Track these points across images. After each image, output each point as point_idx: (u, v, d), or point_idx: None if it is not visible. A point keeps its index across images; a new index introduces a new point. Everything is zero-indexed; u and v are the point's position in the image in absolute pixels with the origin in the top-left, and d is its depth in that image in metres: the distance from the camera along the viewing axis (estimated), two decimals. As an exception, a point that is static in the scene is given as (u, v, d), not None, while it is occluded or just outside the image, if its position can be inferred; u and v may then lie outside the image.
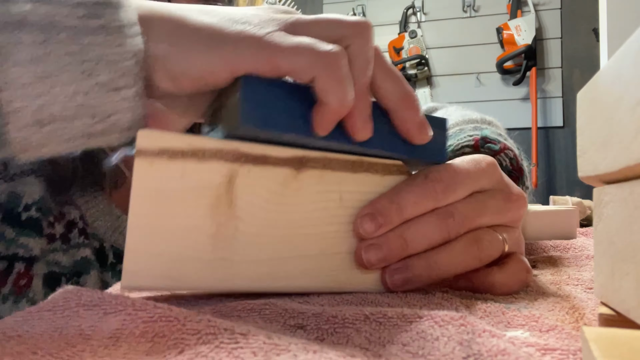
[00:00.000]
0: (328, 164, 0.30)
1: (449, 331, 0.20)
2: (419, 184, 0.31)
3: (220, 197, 0.27)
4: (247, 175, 0.28)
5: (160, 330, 0.19)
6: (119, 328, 0.20)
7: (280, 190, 0.29)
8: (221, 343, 0.18)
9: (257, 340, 0.18)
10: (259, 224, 0.28)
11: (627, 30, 0.98)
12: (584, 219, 1.03)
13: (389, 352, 0.19)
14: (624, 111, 0.19)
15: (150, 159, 0.25)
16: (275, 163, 0.29)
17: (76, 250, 0.51)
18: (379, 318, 0.22)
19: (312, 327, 0.22)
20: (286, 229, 0.29)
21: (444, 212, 0.31)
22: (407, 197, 0.31)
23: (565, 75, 2.71)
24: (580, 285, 0.33)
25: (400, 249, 0.31)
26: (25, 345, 0.19)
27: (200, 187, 0.27)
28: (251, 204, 0.28)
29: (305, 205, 0.29)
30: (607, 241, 0.21)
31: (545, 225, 0.53)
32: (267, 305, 0.25)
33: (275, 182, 0.29)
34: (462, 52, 2.84)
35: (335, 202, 0.30)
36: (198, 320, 0.19)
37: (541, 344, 0.19)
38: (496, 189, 0.34)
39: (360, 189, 0.31)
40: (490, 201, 0.33)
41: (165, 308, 0.21)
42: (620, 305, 0.20)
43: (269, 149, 0.28)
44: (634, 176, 0.19)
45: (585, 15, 2.67)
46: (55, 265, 0.49)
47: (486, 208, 0.32)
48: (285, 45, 0.27)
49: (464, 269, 0.31)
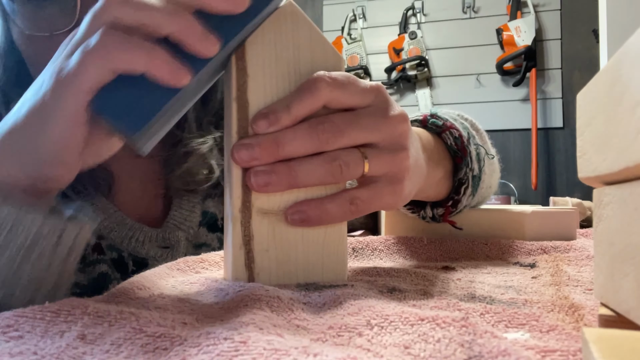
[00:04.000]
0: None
1: (450, 333, 0.20)
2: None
3: None
4: None
5: (162, 344, 0.20)
6: (121, 337, 0.20)
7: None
8: (222, 351, 0.18)
9: (257, 347, 0.18)
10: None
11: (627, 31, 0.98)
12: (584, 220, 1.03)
13: (391, 353, 0.19)
14: (624, 111, 0.19)
15: None
16: None
17: (92, 267, 0.51)
18: (381, 322, 0.22)
19: (314, 330, 0.22)
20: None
21: (315, 120, 0.33)
22: (296, 101, 0.33)
23: (565, 76, 2.71)
24: (580, 286, 0.33)
25: (271, 150, 0.32)
26: (26, 346, 0.19)
27: None
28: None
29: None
30: (607, 242, 0.21)
31: (545, 226, 0.53)
32: (274, 299, 0.25)
33: None
34: (462, 53, 2.84)
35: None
36: (198, 335, 0.20)
37: (541, 347, 0.19)
38: (376, 105, 0.35)
39: None
40: (366, 117, 0.34)
41: (169, 327, 0.21)
42: (620, 306, 0.20)
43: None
44: (634, 177, 0.19)
45: (585, 16, 2.67)
46: (75, 287, 0.49)
47: (359, 122, 0.34)
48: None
49: (319, 181, 0.33)
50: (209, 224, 0.62)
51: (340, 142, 0.33)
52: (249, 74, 0.33)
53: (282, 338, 0.19)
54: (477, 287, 0.33)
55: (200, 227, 0.61)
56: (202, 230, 0.61)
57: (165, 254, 0.57)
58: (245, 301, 0.25)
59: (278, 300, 0.25)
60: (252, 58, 0.33)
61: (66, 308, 0.23)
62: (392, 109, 0.35)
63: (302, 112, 0.33)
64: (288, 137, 0.32)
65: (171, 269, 0.37)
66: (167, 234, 0.58)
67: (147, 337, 0.20)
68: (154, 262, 0.56)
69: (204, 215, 0.62)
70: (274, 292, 0.26)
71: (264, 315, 0.22)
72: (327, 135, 0.33)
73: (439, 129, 0.51)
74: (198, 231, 0.61)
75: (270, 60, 0.33)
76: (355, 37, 2.95)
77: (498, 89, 2.77)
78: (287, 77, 0.34)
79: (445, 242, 0.50)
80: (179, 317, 0.23)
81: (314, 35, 0.35)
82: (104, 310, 0.24)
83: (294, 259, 0.34)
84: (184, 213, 0.60)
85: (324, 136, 0.32)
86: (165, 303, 0.27)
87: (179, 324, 0.22)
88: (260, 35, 0.33)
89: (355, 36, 2.95)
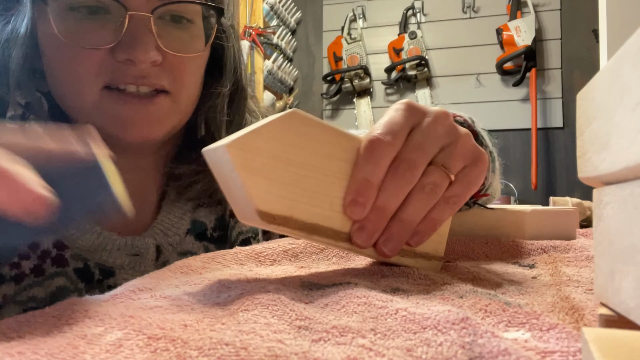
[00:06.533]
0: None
1: (451, 336, 0.20)
2: (369, 151, 0.35)
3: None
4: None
5: (164, 346, 0.20)
6: (121, 338, 0.20)
7: None
8: (222, 355, 0.18)
9: (258, 353, 0.18)
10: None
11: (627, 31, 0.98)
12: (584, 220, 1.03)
13: (393, 354, 0.19)
14: (624, 111, 0.19)
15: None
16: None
17: (51, 280, 0.51)
18: (383, 330, 0.22)
19: (317, 330, 0.22)
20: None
21: (392, 169, 0.35)
22: (372, 169, 0.34)
23: (565, 76, 2.71)
24: (580, 286, 0.33)
25: (382, 221, 0.35)
26: (27, 346, 0.19)
27: None
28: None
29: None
30: (607, 242, 0.21)
31: (545, 226, 0.53)
32: (275, 302, 0.25)
33: None
34: (462, 53, 2.84)
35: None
36: (200, 339, 0.20)
37: (541, 348, 0.19)
38: (416, 118, 0.36)
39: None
40: (418, 134, 0.36)
41: (168, 329, 0.21)
42: (620, 306, 0.20)
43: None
44: (634, 177, 0.19)
45: (584, 16, 2.67)
46: (31, 301, 0.49)
47: (419, 143, 0.36)
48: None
49: (426, 210, 0.36)
50: (197, 232, 0.62)
51: (420, 171, 0.35)
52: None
53: (283, 344, 0.20)
54: (478, 286, 0.33)
55: (187, 235, 0.61)
56: (189, 239, 0.61)
57: (133, 261, 0.56)
58: (247, 305, 0.25)
59: (279, 303, 0.25)
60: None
61: (67, 311, 0.24)
62: (429, 113, 0.37)
63: (380, 177, 0.35)
64: (386, 200, 0.35)
65: (174, 271, 0.37)
66: (136, 242, 0.57)
67: (147, 338, 0.20)
68: (121, 271, 0.55)
69: (193, 224, 0.62)
70: (275, 295, 0.26)
71: (264, 323, 0.22)
72: (407, 173, 0.35)
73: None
74: (184, 239, 0.60)
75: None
76: (355, 37, 2.95)
77: (498, 88, 2.77)
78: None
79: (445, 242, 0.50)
80: (180, 318, 0.23)
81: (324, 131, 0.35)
82: (104, 312, 0.24)
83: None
84: (172, 219, 0.60)
85: (407, 175, 0.35)
86: (166, 304, 0.27)
87: (179, 325, 0.22)
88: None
89: (355, 36, 2.95)
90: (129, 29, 0.50)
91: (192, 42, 0.55)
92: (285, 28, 3.03)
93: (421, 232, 0.37)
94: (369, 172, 0.34)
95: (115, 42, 0.50)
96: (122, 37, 0.50)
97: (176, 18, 0.54)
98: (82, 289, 0.52)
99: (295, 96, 3.09)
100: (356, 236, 0.35)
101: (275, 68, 2.86)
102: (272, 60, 2.85)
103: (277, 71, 2.89)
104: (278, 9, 2.93)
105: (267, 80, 2.82)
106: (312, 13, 3.14)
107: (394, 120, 0.36)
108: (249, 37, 2.59)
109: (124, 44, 0.50)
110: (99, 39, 0.50)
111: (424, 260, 0.39)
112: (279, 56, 2.93)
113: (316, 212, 0.34)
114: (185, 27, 0.54)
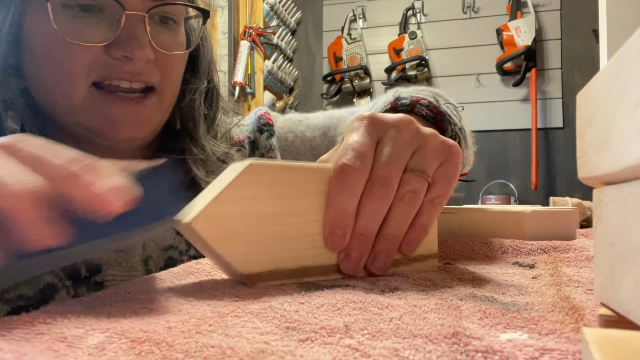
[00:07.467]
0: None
1: (442, 347, 0.20)
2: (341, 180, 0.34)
3: None
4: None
5: (148, 348, 0.19)
6: (104, 341, 0.20)
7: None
8: (209, 355, 0.18)
9: (245, 350, 0.19)
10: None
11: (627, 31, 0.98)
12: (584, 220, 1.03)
13: (379, 354, 0.19)
14: (624, 112, 0.19)
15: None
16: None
17: (37, 278, 0.51)
18: (373, 332, 0.22)
19: (304, 330, 0.22)
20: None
21: (367, 191, 0.34)
22: (346, 198, 0.34)
23: (565, 76, 2.71)
24: (580, 286, 0.33)
25: (366, 244, 0.35)
26: (9, 346, 0.19)
27: None
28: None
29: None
30: (607, 242, 0.21)
31: (545, 226, 0.53)
32: (266, 310, 0.25)
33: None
34: (462, 53, 2.84)
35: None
36: (185, 342, 0.20)
37: (539, 345, 0.19)
38: (383, 131, 0.36)
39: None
40: (387, 145, 0.35)
41: (152, 332, 0.21)
42: (620, 306, 0.19)
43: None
44: (634, 177, 0.19)
45: (584, 16, 2.67)
46: (19, 300, 0.49)
47: (388, 155, 0.35)
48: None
49: (409, 219, 0.36)
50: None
51: (395, 185, 0.35)
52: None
53: (269, 345, 0.20)
54: (477, 287, 0.33)
55: (168, 231, 0.61)
56: (169, 233, 0.60)
57: (120, 257, 0.56)
58: (236, 312, 0.25)
59: (270, 310, 0.25)
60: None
61: (52, 313, 0.23)
62: (391, 122, 0.37)
63: (355, 203, 0.34)
64: (366, 224, 0.34)
65: (164, 275, 0.37)
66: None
67: (131, 342, 0.20)
68: (108, 267, 0.55)
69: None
70: (266, 304, 0.26)
71: (251, 327, 0.22)
72: (382, 191, 0.34)
73: (410, 107, 0.54)
74: (165, 234, 0.60)
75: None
76: (355, 37, 2.95)
77: (498, 89, 2.77)
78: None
79: (445, 242, 0.50)
80: (164, 319, 0.23)
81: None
82: (86, 315, 0.24)
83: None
84: None
85: (382, 193, 0.34)
86: (150, 306, 0.27)
87: (164, 328, 0.22)
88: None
89: (355, 36, 2.95)
90: (125, 27, 0.52)
91: (179, 41, 0.59)
92: (285, 28, 3.03)
93: (413, 240, 0.37)
94: (343, 202, 0.34)
95: (111, 40, 0.51)
96: (118, 35, 0.51)
97: (164, 19, 0.57)
98: (69, 286, 0.52)
99: (295, 96, 3.09)
100: (343, 266, 0.35)
101: (275, 68, 2.86)
102: (272, 61, 2.85)
103: (277, 71, 2.89)
104: (278, 9, 2.93)
105: (267, 81, 2.82)
106: (312, 13, 3.14)
107: (359, 141, 0.35)
108: (249, 37, 2.59)
109: (120, 41, 0.52)
110: (94, 36, 0.51)
111: (420, 263, 0.39)
112: (279, 56, 2.93)
113: (300, 256, 0.33)
114: (172, 28, 0.58)
